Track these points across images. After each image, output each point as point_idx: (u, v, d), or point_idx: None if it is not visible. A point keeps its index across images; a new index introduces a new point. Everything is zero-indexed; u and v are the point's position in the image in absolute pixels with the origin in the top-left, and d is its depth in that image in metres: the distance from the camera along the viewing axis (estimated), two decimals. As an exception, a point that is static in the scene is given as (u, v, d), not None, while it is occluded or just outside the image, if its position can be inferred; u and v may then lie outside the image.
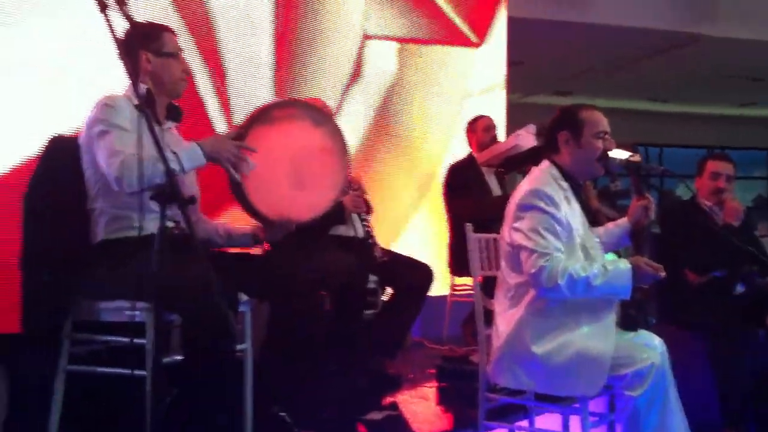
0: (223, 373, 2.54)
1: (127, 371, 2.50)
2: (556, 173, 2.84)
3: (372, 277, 3.97)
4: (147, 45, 2.82)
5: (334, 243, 3.95)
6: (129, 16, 2.09)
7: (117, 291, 2.60)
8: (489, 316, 2.96)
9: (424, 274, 4.12)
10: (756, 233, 4.23)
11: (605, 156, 2.84)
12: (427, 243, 5.78)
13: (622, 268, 2.62)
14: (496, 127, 5.25)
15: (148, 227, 2.41)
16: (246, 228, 3.09)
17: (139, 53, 2.79)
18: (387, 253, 4.15)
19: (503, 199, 3.35)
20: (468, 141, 5.26)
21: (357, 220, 4.13)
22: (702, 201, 4.10)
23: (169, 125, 2.94)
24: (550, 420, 3.22)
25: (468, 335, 4.95)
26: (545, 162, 2.89)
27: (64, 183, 2.79)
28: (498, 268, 2.94)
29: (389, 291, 4.16)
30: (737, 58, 10.09)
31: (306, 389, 3.16)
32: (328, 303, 3.51)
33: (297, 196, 2.95)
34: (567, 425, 3.10)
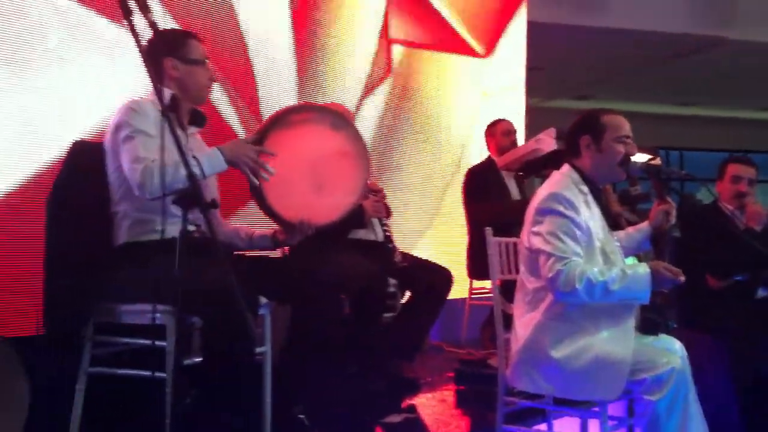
0: (243, 376, 2.56)
1: (148, 373, 2.52)
2: (576, 177, 2.83)
3: (391, 281, 3.97)
4: (173, 52, 2.85)
5: (354, 247, 3.96)
6: (153, 23, 2.11)
7: (138, 294, 2.61)
8: (508, 320, 2.96)
9: (442, 277, 4.12)
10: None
11: (627, 160, 2.84)
12: (446, 246, 5.78)
13: (640, 272, 2.60)
14: (515, 131, 5.25)
15: (170, 231, 2.43)
16: (266, 230, 3.10)
17: (164, 60, 2.82)
18: (406, 258, 4.16)
19: (523, 203, 3.35)
20: (487, 145, 5.25)
21: (377, 224, 4.14)
22: (723, 205, 4.07)
23: (193, 130, 2.96)
24: (568, 424, 3.21)
25: (486, 339, 4.95)
26: (565, 166, 2.89)
27: (86, 187, 2.82)
28: (517, 271, 2.94)
29: (408, 294, 4.16)
30: (759, 60, 10.01)
31: (325, 391, 3.17)
32: (347, 306, 3.52)
33: (316, 199, 2.96)
34: (586, 429, 3.09)
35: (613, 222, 3.52)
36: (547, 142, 4.75)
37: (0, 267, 3.26)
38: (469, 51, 6.20)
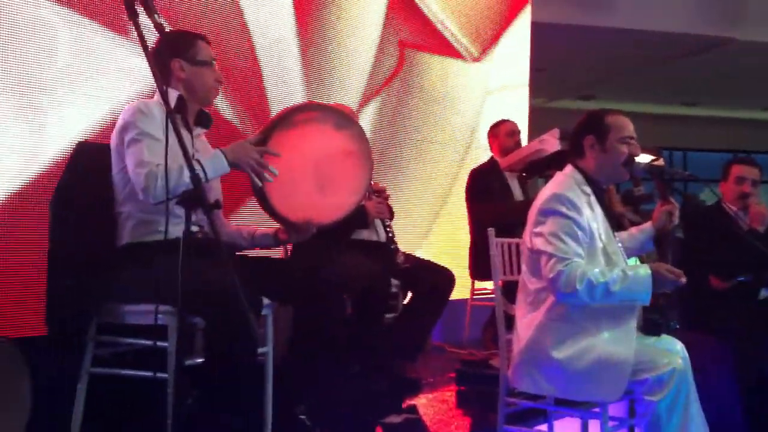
0: (245, 376, 2.56)
1: (150, 374, 2.53)
2: (579, 178, 2.84)
3: (393, 281, 3.97)
4: (181, 53, 2.85)
5: (357, 247, 3.96)
6: (158, 24, 2.11)
7: (141, 294, 2.61)
8: (510, 320, 2.96)
9: (445, 278, 4.12)
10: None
11: (630, 161, 2.84)
12: (448, 247, 5.78)
13: (641, 274, 2.60)
14: (519, 132, 5.23)
15: (173, 232, 2.43)
16: (268, 229, 3.10)
17: (171, 61, 2.82)
18: (409, 259, 4.16)
19: (526, 204, 3.35)
20: (490, 145, 5.25)
21: (380, 225, 4.14)
22: (727, 206, 4.07)
23: (198, 132, 2.97)
24: (569, 424, 3.21)
25: (488, 339, 4.94)
26: (569, 167, 2.89)
27: (89, 188, 2.83)
28: (519, 272, 2.94)
29: (410, 295, 4.16)
30: (763, 60, 10.00)
31: (326, 391, 3.17)
32: (349, 306, 3.52)
33: (319, 199, 2.96)
34: (586, 430, 3.09)
35: (616, 223, 3.52)
36: (551, 142, 4.74)
37: (3, 267, 3.27)
38: (459, 54, 6.16)
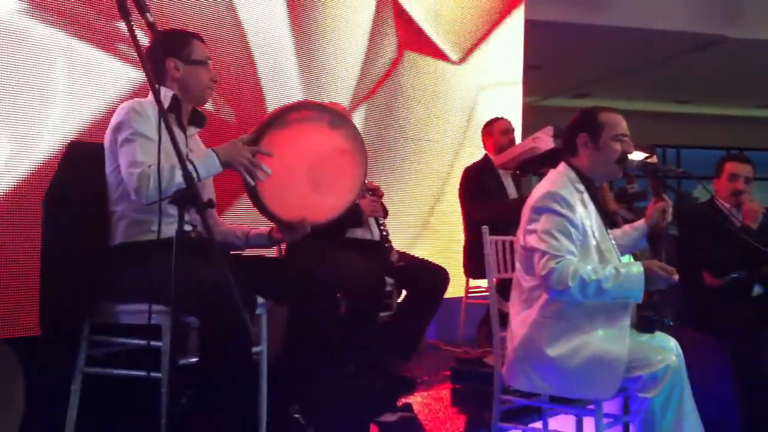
0: (239, 376, 2.56)
1: (143, 373, 2.52)
2: (572, 176, 2.84)
3: (388, 280, 3.97)
4: (176, 52, 2.84)
5: (351, 246, 3.96)
6: (151, 23, 2.10)
7: (135, 294, 2.61)
8: (504, 318, 2.96)
9: (439, 276, 4.12)
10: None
11: (624, 158, 2.84)
12: (442, 245, 5.79)
13: (634, 271, 2.60)
14: (513, 130, 5.24)
15: (166, 231, 2.42)
16: (262, 229, 3.10)
17: (166, 60, 2.82)
18: (403, 257, 4.16)
19: (519, 202, 3.35)
20: (484, 143, 5.25)
21: (374, 223, 4.14)
22: (720, 202, 4.08)
23: (193, 131, 2.96)
24: (563, 421, 3.21)
25: (483, 337, 4.95)
26: (562, 164, 2.89)
27: (83, 186, 2.82)
28: (513, 270, 2.94)
29: (404, 293, 4.16)
30: (756, 58, 10.02)
31: (321, 390, 3.17)
32: (344, 305, 3.52)
33: (313, 198, 2.96)
34: (581, 427, 3.09)
35: (610, 220, 3.52)
36: (545, 140, 4.74)
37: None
38: (442, 56, 6.15)
